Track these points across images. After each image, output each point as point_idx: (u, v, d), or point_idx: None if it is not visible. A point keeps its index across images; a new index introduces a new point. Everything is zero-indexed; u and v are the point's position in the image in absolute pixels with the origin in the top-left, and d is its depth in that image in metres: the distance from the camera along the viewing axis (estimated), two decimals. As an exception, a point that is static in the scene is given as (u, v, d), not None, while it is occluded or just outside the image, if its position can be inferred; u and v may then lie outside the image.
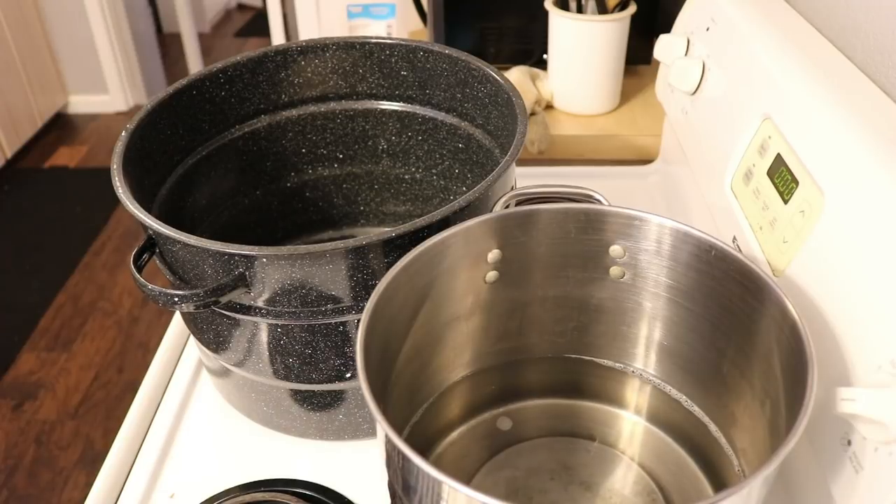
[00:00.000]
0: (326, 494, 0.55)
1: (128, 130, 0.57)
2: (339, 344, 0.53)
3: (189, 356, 0.68)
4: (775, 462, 0.34)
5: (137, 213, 0.50)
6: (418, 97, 0.70)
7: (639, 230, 0.49)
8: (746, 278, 0.45)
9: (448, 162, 0.71)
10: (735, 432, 0.49)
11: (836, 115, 0.48)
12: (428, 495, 0.37)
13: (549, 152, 0.94)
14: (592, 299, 0.54)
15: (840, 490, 0.41)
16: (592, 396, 0.56)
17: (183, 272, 0.53)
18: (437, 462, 0.52)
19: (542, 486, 0.51)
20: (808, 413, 0.36)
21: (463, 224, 0.48)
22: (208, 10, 3.76)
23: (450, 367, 0.55)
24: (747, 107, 0.57)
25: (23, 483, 1.62)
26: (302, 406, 0.58)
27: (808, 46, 0.57)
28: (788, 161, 0.50)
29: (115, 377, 1.88)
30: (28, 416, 1.77)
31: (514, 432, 0.55)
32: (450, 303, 0.51)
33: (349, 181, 0.75)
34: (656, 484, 0.51)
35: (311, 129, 0.72)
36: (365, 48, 0.69)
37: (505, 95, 0.60)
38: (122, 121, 2.93)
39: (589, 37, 0.92)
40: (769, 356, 0.44)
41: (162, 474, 0.58)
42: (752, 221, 0.54)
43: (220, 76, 0.65)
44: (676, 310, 0.51)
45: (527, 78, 0.97)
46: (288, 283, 0.49)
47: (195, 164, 0.65)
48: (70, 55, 2.90)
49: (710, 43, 0.67)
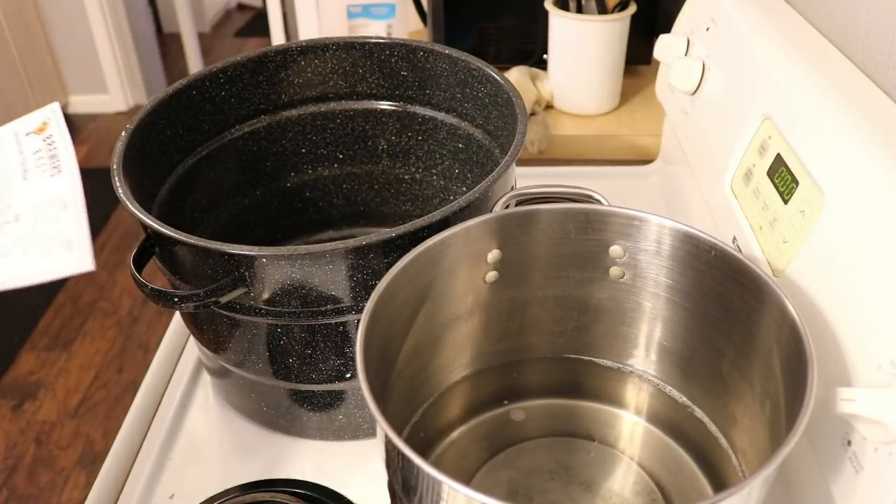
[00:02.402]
0: (326, 494, 0.55)
1: (128, 130, 0.57)
2: (339, 344, 0.53)
3: (189, 356, 0.68)
4: (775, 462, 0.34)
5: (137, 213, 0.50)
6: (418, 97, 0.70)
7: (639, 230, 0.49)
8: (746, 278, 0.45)
9: (448, 162, 0.71)
10: (735, 432, 0.49)
11: (836, 115, 0.48)
12: (428, 495, 0.37)
13: (549, 152, 0.94)
14: (592, 299, 0.54)
15: (840, 490, 0.41)
16: (592, 397, 0.56)
17: (183, 272, 0.53)
18: (437, 462, 0.52)
19: (542, 487, 0.51)
20: (808, 413, 0.36)
21: (463, 224, 0.48)
22: (208, 10, 3.76)
23: (450, 368, 0.55)
24: (747, 107, 0.57)
25: (23, 483, 1.62)
26: (302, 406, 0.58)
27: (808, 46, 0.57)
28: (788, 161, 0.50)
29: (115, 377, 1.88)
30: (28, 416, 1.77)
31: (514, 432, 0.55)
32: (450, 303, 0.51)
33: (349, 181, 0.75)
34: (656, 484, 0.51)
35: (311, 129, 0.72)
36: (365, 48, 0.69)
37: (505, 95, 0.60)
38: (122, 121, 2.93)
39: (589, 37, 0.92)
40: (769, 356, 0.44)
41: (162, 474, 0.58)
42: (752, 221, 0.54)
43: (220, 76, 0.65)
44: (676, 310, 0.51)
45: (527, 78, 0.97)
46: (288, 284, 0.49)
47: (195, 164, 0.65)
48: (70, 55, 2.90)
49: (710, 43, 0.67)
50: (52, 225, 0.42)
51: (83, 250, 0.41)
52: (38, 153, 0.46)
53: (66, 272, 0.40)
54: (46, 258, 0.41)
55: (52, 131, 0.48)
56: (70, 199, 0.43)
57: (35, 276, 0.40)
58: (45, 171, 0.45)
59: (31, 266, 0.40)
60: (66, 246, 0.41)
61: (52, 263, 0.40)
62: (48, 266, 0.40)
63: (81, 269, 0.40)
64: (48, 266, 0.40)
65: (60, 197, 0.43)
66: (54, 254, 0.41)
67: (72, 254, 0.41)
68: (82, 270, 0.40)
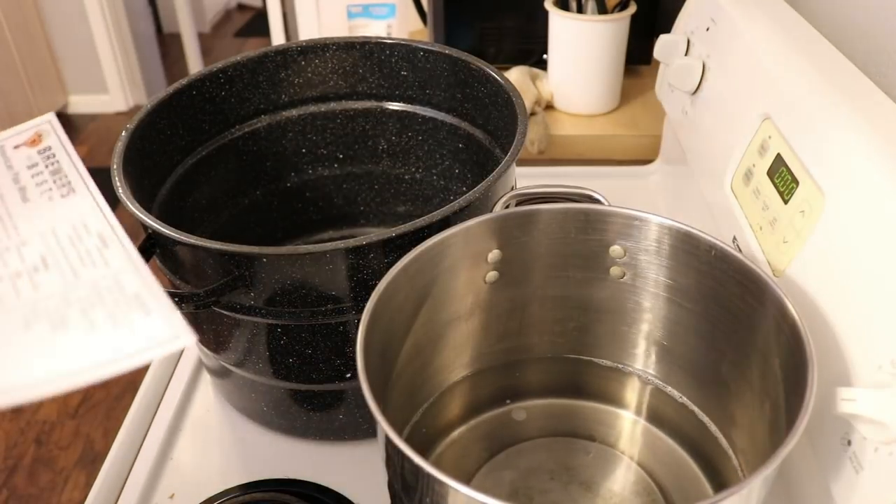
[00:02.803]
0: (326, 494, 0.55)
1: (128, 130, 0.57)
2: (339, 344, 0.53)
3: (189, 356, 0.68)
4: (775, 462, 0.34)
5: (137, 213, 0.50)
6: (418, 97, 0.70)
7: (639, 230, 0.49)
8: (746, 278, 0.45)
9: (448, 162, 0.71)
10: (735, 432, 0.49)
11: (836, 115, 0.48)
12: (428, 495, 0.37)
13: (549, 152, 0.94)
14: (592, 299, 0.54)
15: (840, 490, 0.41)
16: (592, 396, 0.56)
17: (183, 272, 0.53)
18: (437, 462, 0.52)
19: (543, 487, 0.51)
20: (808, 413, 0.36)
21: (463, 224, 0.48)
22: (208, 10, 3.76)
23: (450, 367, 0.55)
24: (747, 107, 0.57)
25: (23, 483, 1.62)
26: (302, 406, 0.58)
27: (808, 46, 0.57)
28: (788, 161, 0.50)
29: (115, 377, 1.88)
30: (28, 416, 1.77)
31: (514, 432, 0.55)
32: (450, 303, 0.51)
33: (349, 181, 0.75)
34: (656, 484, 0.51)
35: (311, 129, 0.72)
36: (365, 48, 0.69)
37: (505, 95, 0.60)
38: (122, 121, 2.93)
39: (589, 37, 0.92)
40: (769, 356, 0.44)
41: (162, 474, 0.58)
42: (753, 221, 0.54)
43: (220, 76, 0.65)
44: (676, 310, 0.51)
45: (527, 78, 0.97)
46: (288, 283, 0.49)
47: (195, 164, 0.65)
48: (70, 55, 2.90)
49: (710, 43, 0.67)
50: (100, 271, 0.31)
51: (167, 312, 0.30)
52: (34, 168, 0.38)
53: (166, 350, 0.29)
54: (126, 329, 0.29)
55: (49, 143, 0.39)
56: (105, 230, 0.33)
57: (126, 359, 0.29)
58: (50, 189, 0.36)
59: (114, 344, 0.29)
60: (141, 306, 0.30)
61: (140, 339, 0.29)
62: (136, 343, 0.29)
63: (182, 343, 0.29)
64: (136, 343, 0.29)
65: (88, 226, 0.34)
66: (134, 322, 0.30)
67: (155, 320, 0.29)
68: (184, 346, 0.30)
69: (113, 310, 0.30)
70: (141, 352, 0.29)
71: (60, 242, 0.33)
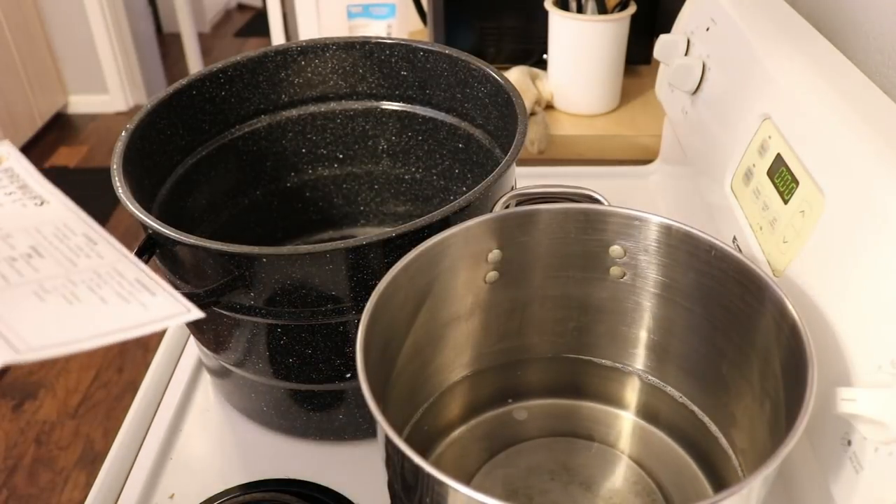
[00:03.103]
0: (326, 494, 0.55)
1: (128, 130, 0.57)
2: (339, 344, 0.53)
3: (189, 356, 0.68)
4: (775, 462, 0.34)
5: (137, 213, 0.50)
6: (418, 97, 0.70)
7: (639, 230, 0.49)
8: (746, 278, 0.45)
9: (448, 162, 0.71)
10: (735, 432, 0.49)
11: (836, 115, 0.48)
12: (428, 495, 0.37)
13: (549, 152, 0.94)
14: (592, 299, 0.54)
15: (840, 490, 0.41)
16: (592, 397, 0.56)
17: (183, 272, 0.53)
18: (437, 462, 0.52)
19: (543, 487, 0.51)
20: (808, 413, 0.36)
21: (463, 224, 0.48)
22: (208, 10, 3.76)
23: (450, 367, 0.55)
24: (747, 107, 0.57)
25: (23, 483, 1.62)
26: (302, 406, 0.58)
27: (808, 46, 0.57)
28: (788, 161, 0.50)
29: (115, 377, 1.88)
30: (28, 416, 1.77)
31: (514, 432, 0.55)
32: (450, 303, 0.51)
33: (349, 181, 0.75)
34: (656, 484, 0.51)
35: (311, 129, 0.72)
36: (365, 48, 0.69)
37: (505, 95, 0.60)
38: (122, 121, 2.93)
39: (589, 37, 0.92)
40: (769, 356, 0.44)
41: (162, 474, 0.58)
42: (752, 221, 0.54)
43: (220, 76, 0.65)
44: (676, 310, 0.51)
45: (527, 78, 0.97)
46: (288, 284, 0.49)
47: (195, 164, 0.65)
48: (70, 55, 2.90)
49: (710, 43, 0.67)
50: (95, 261, 0.32)
51: (172, 293, 0.32)
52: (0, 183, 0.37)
53: (180, 320, 0.31)
54: (137, 305, 0.31)
55: (10, 164, 0.38)
56: (90, 232, 0.34)
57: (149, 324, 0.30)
58: (21, 199, 0.35)
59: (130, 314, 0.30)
60: (145, 289, 0.31)
61: (153, 312, 0.30)
62: (150, 314, 0.30)
63: (193, 316, 0.31)
64: (150, 314, 0.30)
65: (72, 228, 0.34)
66: (143, 299, 0.31)
67: (162, 299, 0.31)
68: (195, 318, 0.31)
69: (119, 290, 0.31)
70: (159, 320, 0.30)
71: (47, 238, 0.33)
